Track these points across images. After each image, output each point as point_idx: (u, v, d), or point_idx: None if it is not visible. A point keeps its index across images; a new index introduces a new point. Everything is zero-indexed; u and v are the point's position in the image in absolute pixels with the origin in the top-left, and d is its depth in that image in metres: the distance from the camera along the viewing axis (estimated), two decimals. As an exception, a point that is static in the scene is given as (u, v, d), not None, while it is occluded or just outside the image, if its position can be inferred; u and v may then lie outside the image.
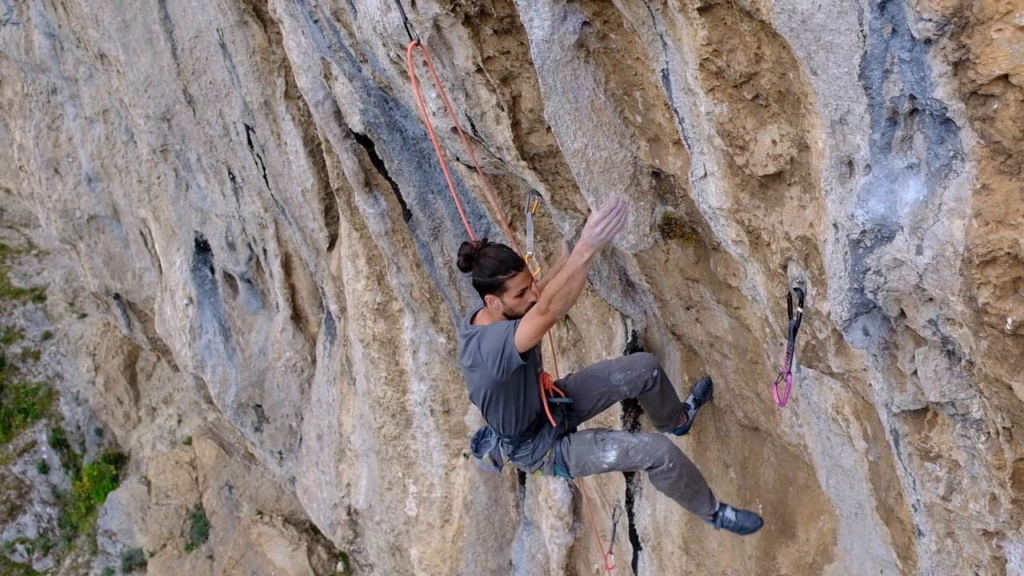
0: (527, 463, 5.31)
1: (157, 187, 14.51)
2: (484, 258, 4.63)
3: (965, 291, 2.57)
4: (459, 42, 4.37)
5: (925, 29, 2.23)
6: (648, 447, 5.16)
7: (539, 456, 5.25)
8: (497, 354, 4.59)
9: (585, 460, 5.22)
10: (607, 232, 4.02)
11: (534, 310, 4.44)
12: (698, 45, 3.08)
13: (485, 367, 4.68)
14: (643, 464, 5.15)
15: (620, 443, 5.20)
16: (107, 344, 25.77)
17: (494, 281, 4.64)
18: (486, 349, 4.65)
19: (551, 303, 4.28)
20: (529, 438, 5.21)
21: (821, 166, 2.93)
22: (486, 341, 4.66)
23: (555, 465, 5.30)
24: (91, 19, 11.67)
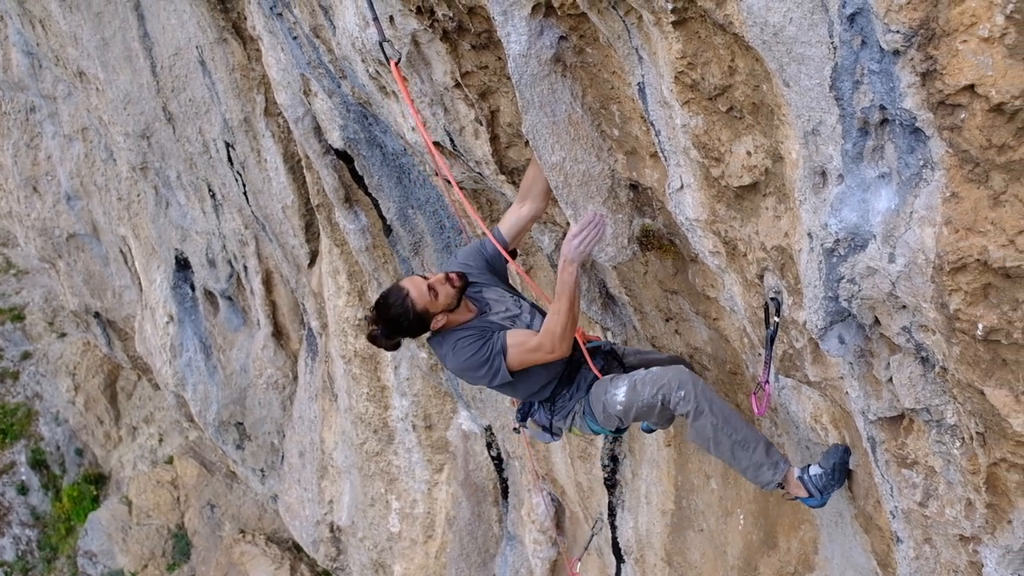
0: (563, 417, 4.95)
1: (137, 205, 14.48)
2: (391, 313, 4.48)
3: (937, 298, 2.61)
4: (437, 57, 4.40)
5: (893, 41, 2.27)
6: (655, 376, 4.59)
7: (573, 406, 4.90)
8: (483, 368, 4.50)
9: (602, 402, 4.75)
10: (586, 245, 4.05)
11: (535, 344, 4.38)
12: (673, 58, 3.12)
13: (476, 379, 4.60)
14: (654, 398, 4.52)
15: (630, 378, 4.68)
16: (87, 363, 25.62)
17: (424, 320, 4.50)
18: (469, 369, 4.56)
19: (559, 342, 4.28)
20: (565, 388, 4.86)
21: (795, 176, 2.97)
22: (460, 363, 4.58)
23: (586, 416, 4.89)
24: (70, 37, 11.66)
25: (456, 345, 4.54)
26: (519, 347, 4.43)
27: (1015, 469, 2.83)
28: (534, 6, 3.60)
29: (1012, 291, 2.42)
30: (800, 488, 4.46)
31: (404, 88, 4.40)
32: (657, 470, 7.13)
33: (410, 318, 4.43)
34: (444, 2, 4.03)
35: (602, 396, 4.74)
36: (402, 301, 4.41)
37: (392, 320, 4.46)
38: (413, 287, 4.44)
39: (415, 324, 4.48)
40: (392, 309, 4.45)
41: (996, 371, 2.62)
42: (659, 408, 4.55)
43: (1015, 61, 2.08)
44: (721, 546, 6.41)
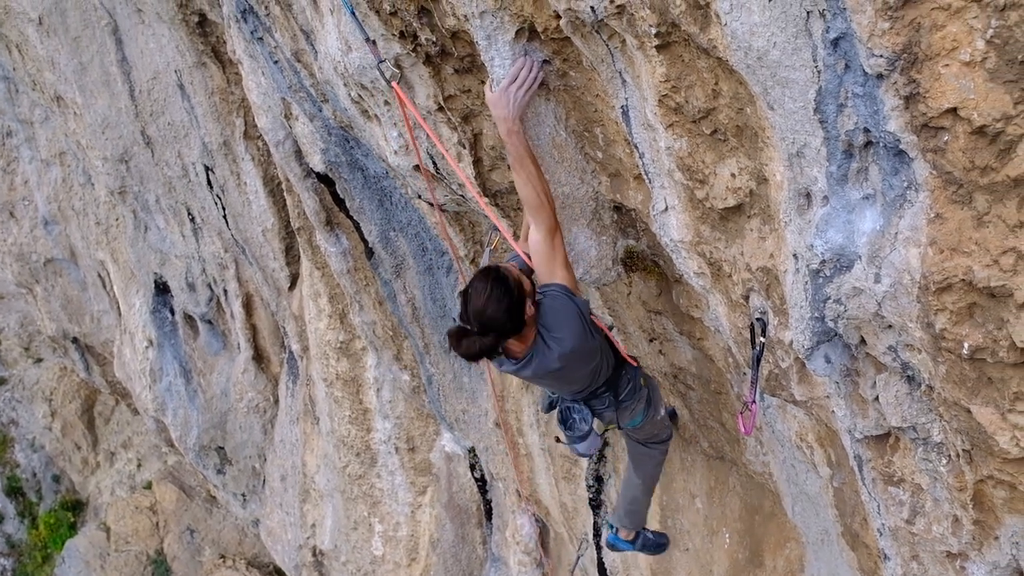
0: (631, 397, 4.71)
1: (115, 229, 14.41)
2: (495, 314, 3.81)
3: (923, 317, 2.63)
4: (420, 81, 4.42)
5: (877, 65, 2.30)
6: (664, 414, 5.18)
7: (637, 383, 4.74)
8: (581, 327, 4.04)
9: (659, 403, 5.01)
10: (525, 93, 3.73)
11: (543, 239, 3.93)
12: (657, 82, 3.15)
13: (583, 350, 4.12)
14: (665, 429, 5.21)
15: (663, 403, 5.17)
16: (64, 389, 25.39)
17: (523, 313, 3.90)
18: (575, 338, 4.04)
19: (544, 207, 3.86)
20: (622, 368, 4.65)
21: (780, 198, 2.99)
22: (564, 334, 4.02)
23: (645, 407, 4.87)
24: (47, 61, 11.62)
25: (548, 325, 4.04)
26: (548, 263, 4.00)
27: (1001, 486, 2.85)
28: (518, 30, 3.62)
29: (997, 310, 2.45)
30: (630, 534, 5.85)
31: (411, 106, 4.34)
32: (642, 490, 7.12)
33: (518, 301, 3.85)
34: (427, 27, 4.04)
35: (659, 398, 5.00)
36: (508, 284, 3.84)
37: (507, 309, 3.82)
38: (506, 268, 3.98)
39: (518, 310, 3.87)
40: (504, 295, 3.82)
41: (982, 389, 2.64)
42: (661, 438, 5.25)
43: (996, 85, 2.11)
44: (707, 565, 6.42)
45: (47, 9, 10.87)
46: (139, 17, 10.50)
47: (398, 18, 4.08)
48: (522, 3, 3.50)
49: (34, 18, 11.07)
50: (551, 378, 4.35)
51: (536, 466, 8.75)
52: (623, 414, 4.78)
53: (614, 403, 4.66)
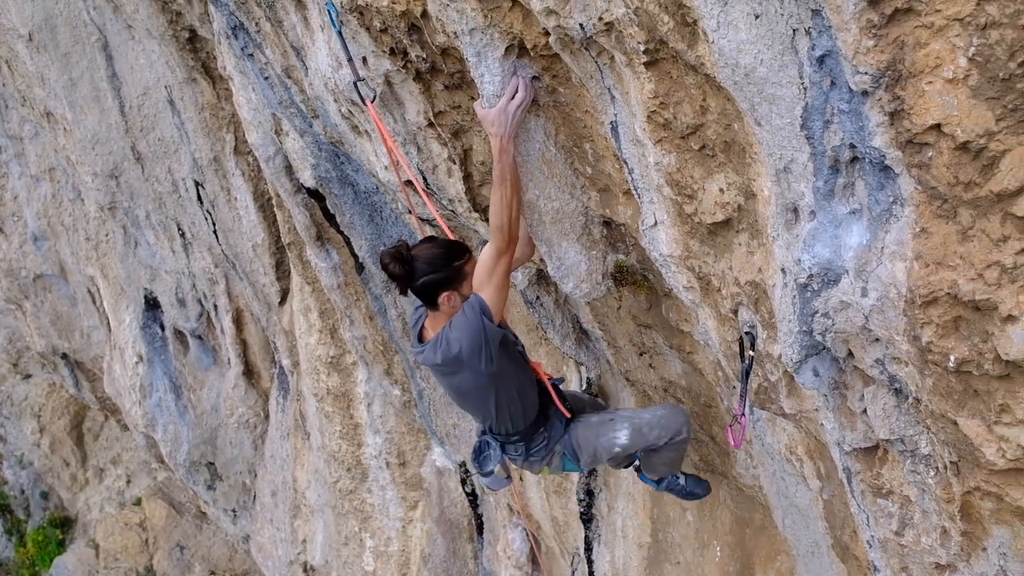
0: (541, 457, 4.69)
1: (105, 245, 14.40)
2: (426, 254, 4.10)
3: (909, 331, 2.66)
4: (410, 97, 4.44)
5: (862, 82, 2.33)
6: (664, 421, 4.70)
7: (552, 446, 4.67)
8: (478, 342, 4.05)
9: (595, 445, 4.69)
10: (522, 112, 3.84)
11: (491, 255, 3.98)
12: (645, 98, 3.18)
13: (472, 366, 4.11)
14: (660, 440, 4.69)
15: (631, 421, 4.73)
16: (52, 405, 25.29)
17: (451, 272, 4.10)
18: (466, 346, 4.06)
19: (510, 232, 3.91)
20: (542, 426, 4.63)
21: (768, 213, 3.02)
22: (459, 336, 4.08)
23: (564, 458, 4.73)
24: (37, 77, 11.63)
25: (453, 331, 4.14)
26: (484, 279, 4.04)
27: (988, 497, 2.88)
28: (507, 47, 3.65)
29: (982, 323, 2.48)
30: None
31: (382, 127, 4.42)
32: (633, 503, 7.14)
33: (446, 263, 4.09)
34: (417, 43, 4.07)
35: (594, 440, 4.69)
36: (452, 249, 4.17)
37: (438, 257, 4.10)
38: (471, 256, 4.21)
39: (455, 270, 4.11)
40: (440, 246, 4.17)
41: (968, 401, 2.67)
42: (656, 445, 4.73)
43: (978, 101, 2.14)
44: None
45: (37, 25, 10.89)
46: (129, 33, 10.52)
47: (388, 35, 4.11)
48: (511, 20, 3.52)
49: (24, 34, 11.09)
50: (441, 377, 4.40)
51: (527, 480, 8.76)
52: (533, 466, 4.76)
53: (525, 455, 4.67)
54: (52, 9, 10.71)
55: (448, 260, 4.11)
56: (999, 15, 2.00)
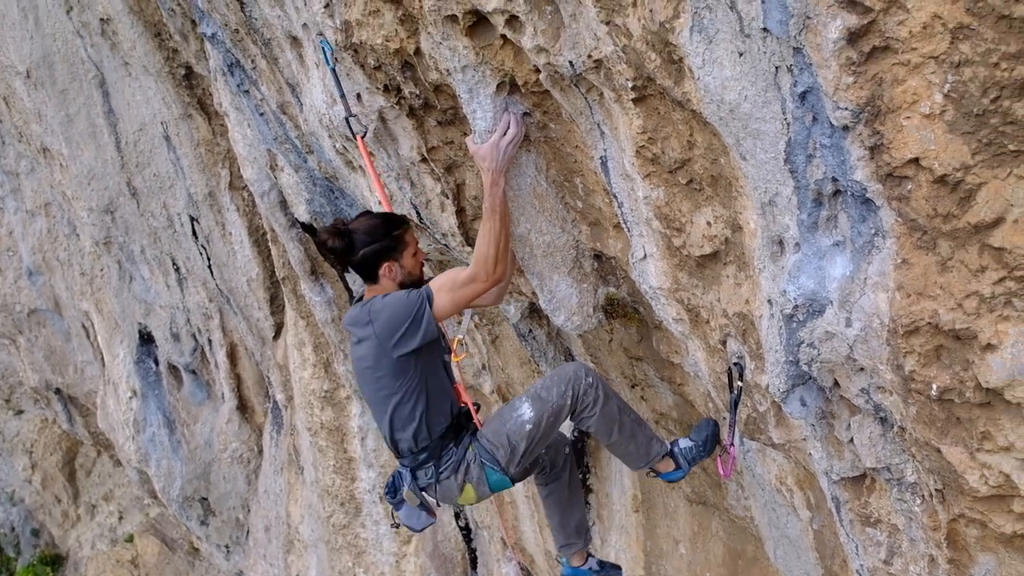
0: (453, 470, 4.32)
1: (100, 279, 14.43)
2: (364, 225, 4.11)
3: (892, 360, 2.71)
4: (404, 133, 4.51)
5: (842, 117, 2.40)
6: (556, 376, 4.36)
7: (461, 458, 4.32)
8: (404, 318, 3.93)
9: (505, 432, 4.30)
10: (514, 147, 3.89)
11: (465, 276, 3.95)
12: (634, 133, 3.25)
13: (382, 339, 3.98)
14: (565, 397, 4.28)
15: (527, 394, 4.40)
16: (45, 440, 25.16)
17: (390, 242, 4.10)
18: (387, 316, 3.95)
19: (493, 266, 3.90)
20: (451, 442, 4.32)
21: (754, 245, 3.08)
22: (388, 305, 3.98)
23: (485, 467, 4.33)
24: (34, 113, 11.72)
25: (385, 299, 4.07)
26: (448, 285, 3.99)
27: (973, 524, 2.92)
28: (499, 84, 3.73)
29: (963, 352, 2.53)
30: (669, 463, 4.51)
31: (370, 163, 4.49)
32: (626, 536, 7.15)
33: (385, 233, 4.11)
34: (411, 80, 4.14)
35: (501, 427, 4.34)
36: (389, 220, 4.20)
37: (374, 228, 4.12)
38: (410, 228, 4.23)
39: (394, 239, 4.13)
40: (375, 218, 4.21)
41: (951, 429, 2.72)
42: (569, 406, 4.30)
43: (955, 136, 2.21)
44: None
45: (35, 62, 10.99)
46: (126, 70, 10.63)
47: (382, 72, 4.18)
48: (503, 58, 3.60)
49: (22, 71, 11.19)
50: (352, 347, 4.22)
51: (520, 514, 8.76)
52: (450, 489, 4.39)
53: (436, 476, 4.34)
54: (50, 47, 10.82)
55: (388, 229, 4.13)
56: (972, 53, 2.07)
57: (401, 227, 4.19)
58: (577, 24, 3.14)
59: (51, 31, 10.71)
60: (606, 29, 3.01)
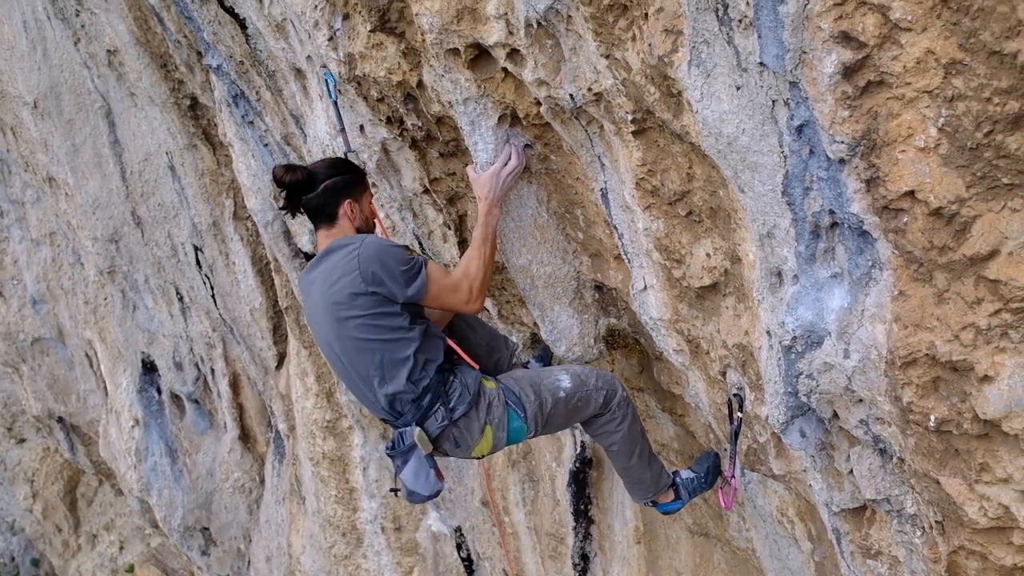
0: (470, 411, 3.93)
1: (104, 308, 14.46)
2: (324, 161, 4.01)
3: (891, 391, 2.72)
4: (406, 164, 4.55)
5: (839, 150, 2.43)
6: (596, 372, 4.25)
7: (475, 390, 3.95)
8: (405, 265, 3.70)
9: (540, 385, 4.09)
10: (512, 179, 3.90)
11: (454, 282, 3.80)
12: (634, 166, 3.28)
13: (370, 282, 3.66)
14: (598, 390, 4.16)
15: (567, 369, 4.24)
16: (46, 470, 25.10)
17: (353, 176, 3.96)
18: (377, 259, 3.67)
19: (477, 292, 3.82)
20: (451, 375, 3.94)
21: (753, 277, 3.10)
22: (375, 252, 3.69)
23: (509, 408, 4.02)
24: (40, 143, 11.79)
25: (378, 238, 3.86)
26: (438, 278, 3.78)
27: (973, 556, 2.91)
28: (500, 116, 3.76)
29: (960, 384, 2.54)
30: (669, 493, 4.45)
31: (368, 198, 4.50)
32: (628, 568, 7.12)
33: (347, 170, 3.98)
34: (413, 112, 4.18)
35: (538, 381, 4.13)
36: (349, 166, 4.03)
37: (333, 164, 3.99)
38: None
39: (358, 175, 4.01)
40: (334, 159, 4.10)
41: (949, 461, 2.72)
42: (598, 405, 4.18)
43: (949, 169, 2.23)
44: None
45: (43, 93, 11.07)
46: (132, 100, 10.71)
47: (385, 104, 4.23)
48: (504, 91, 3.64)
49: (29, 101, 11.27)
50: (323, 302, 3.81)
51: (522, 545, 8.72)
52: (465, 436, 3.96)
53: (448, 414, 3.87)
54: (57, 77, 10.91)
55: (349, 165, 4.00)
56: (965, 88, 2.10)
57: (361, 171, 4.05)
58: (577, 58, 3.18)
59: (59, 62, 10.80)
60: (606, 63, 3.05)
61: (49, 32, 10.58)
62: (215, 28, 6.16)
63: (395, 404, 3.88)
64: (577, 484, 6.93)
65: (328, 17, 4.13)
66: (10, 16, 10.77)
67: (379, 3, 3.78)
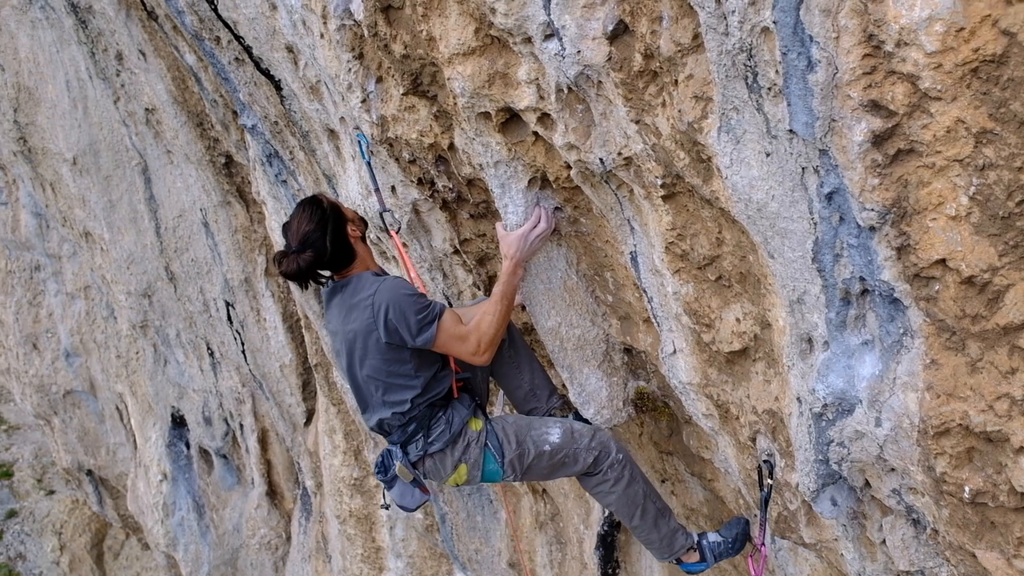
0: (445, 448, 4.19)
1: (135, 362, 14.57)
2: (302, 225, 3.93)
3: (923, 461, 2.68)
4: (437, 225, 4.58)
5: (869, 218, 2.42)
6: (592, 432, 4.34)
7: (458, 431, 4.19)
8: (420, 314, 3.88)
9: (526, 436, 4.25)
10: (540, 241, 3.94)
11: (463, 332, 3.92)
12: (663, 230, 3.28)
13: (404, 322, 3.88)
14: (589, 450, 4.27)
15: (562, 423, 4.36)
16: (74, 522, 25.14)
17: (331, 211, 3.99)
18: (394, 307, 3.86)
19: (486, 346, 3.91)
20: (440, 411, 4.19)
21: (783, 343, 3.08)
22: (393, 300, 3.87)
23: (486, 451, 4.24)
24: (78, 199, 11.99)
25: (396, 282, 4.00)
26: (449, 328, 3.93)
27: (1010, 632, 2.85)
28: (530, 179, 3.79)
29: (995, 454, 2.50)
30: (694, 554, 4.43)
31: (404, 255, 4.55)
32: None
33: (336, 220, 3.96)
34: (444, 174, 4.22)
35: (525, 431, 4.29)
36: (320, 204, 3.99)
37: (320, 223, 3.92)
38: (321, 194, 4.09)
39: (339, 234, 3.97)
40: (315, 212, 3.95)
41: (986, 533, 2.67)
42: (586, 465, 4.29)
43: (981, 237, 2.21)
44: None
45: (82, 150, 11.28)
46: (168, 158, 10.88)
47: (417, 166, 4.27)
48: (535, 154, 3.67)
49: (69, 158, 11.49)
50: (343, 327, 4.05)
51: (548, 606, 8.62)
52: (443, 464, 4.24)
53: (424, 445, 4.17)
54: (97, 135, 11.12)
55: (315, 207, 3.97)
56: (995, 157, 2.09)
57: (316, 198, 4.05)
58: (607, 122, 3.20)
59: (98, 120, 11.01)
60: (636, 128, 3.07)
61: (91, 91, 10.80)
62: (251, 89, 6.27)
63: (383, 425, 4.22)
64: (605, 547, 6.84)
65: (362, 80, 4.19)
66: (55, 76, 11.01)
67: (412, 67, 3.83)
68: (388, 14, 3.78)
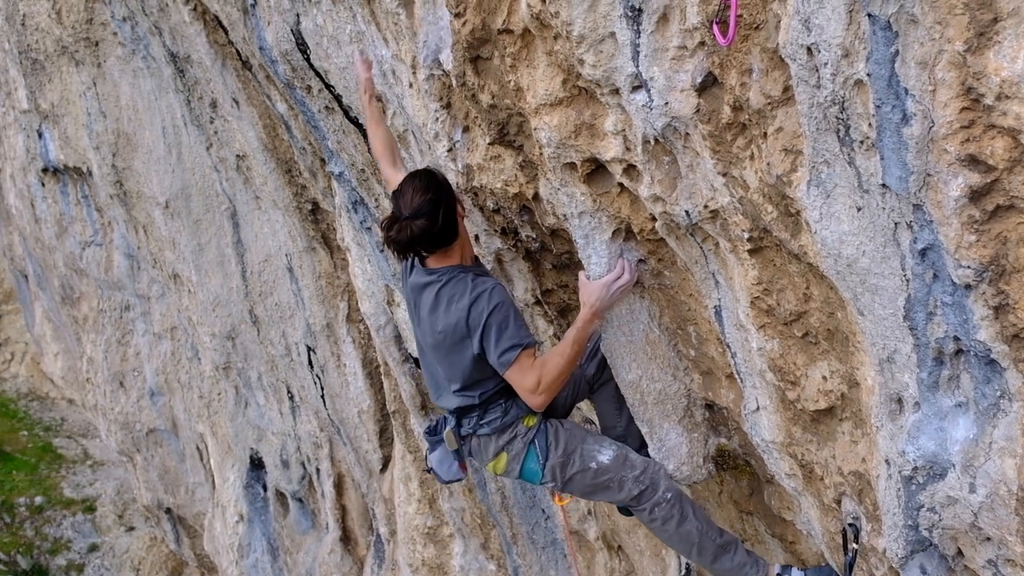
0: (494, 431, 4.24)
1: (217, 403, 14.80)
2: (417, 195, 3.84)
3: (1022, 532, 2.57)
4: (519, 275, 4.58)
5: (965, 275, 2.35)
6: (648, 464, 4.28)
7: (510, 422, 4.24)
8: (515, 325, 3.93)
9: (575, 447, 4.24)
10: (622, 292, 3.89)
11: (528, 366, 3.92)
12: (749, 284, 3.23)
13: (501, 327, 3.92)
14: (637, 481, 4.20)
15: (619, 447, 4.32)
16: (152, 559, 25.49)
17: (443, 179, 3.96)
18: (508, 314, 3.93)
19: (547, 388, 3.90)
20: (501, 399, 4.22)
21: (871, 403, 2.99)
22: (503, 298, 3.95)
23: (531, 448, 4.25)
24: (168, 242, 12.31)
25: (498, 293, 3.98)
26: (524, 359, 3.95)
27: None
28: (615, 231, 3.77)
29: (1098, 528, 2.39)
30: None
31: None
32: None
33: (449, 195, 3.92)
34: (528, 224, 4.23)
35: (576, 442, 4.28)
36: (435, 176, 3.94)
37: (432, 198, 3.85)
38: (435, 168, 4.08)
39: (450, 209, 3.92)
40: (431, 183, 3.89)
41: (1086, 611, 2.55)
42: (631, 496, 4.23)
43: (1086, 300, 2.14)
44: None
45: (174, 194, 11.61)
46: (256, 204, 11.13)
47: (500, 215, 4.29)
48: (619, 205, 3.65)
49: (161, 202, 11.83)
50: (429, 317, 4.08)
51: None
52: (486, 447, 4.29)
53: (476, 424, 4.25)
54: (189, 180, 11.43)
55: (439, 183, 3.93)
56: (1102, 217, 2.02)
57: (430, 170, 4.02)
58: (694, 175, 3.18)
59: (191, 165, 11.33)
60: (723, 180, 3.04)
61: (185, 137, 11.13)
62: (339, 137, 6.39)
63: (449, 406, 4.29)
64: None
65: (449, 129, 4.24)
66: (152, 123, 11.38)
67: (499, 117, 3.86)
68: (477, 64, 3.83)
